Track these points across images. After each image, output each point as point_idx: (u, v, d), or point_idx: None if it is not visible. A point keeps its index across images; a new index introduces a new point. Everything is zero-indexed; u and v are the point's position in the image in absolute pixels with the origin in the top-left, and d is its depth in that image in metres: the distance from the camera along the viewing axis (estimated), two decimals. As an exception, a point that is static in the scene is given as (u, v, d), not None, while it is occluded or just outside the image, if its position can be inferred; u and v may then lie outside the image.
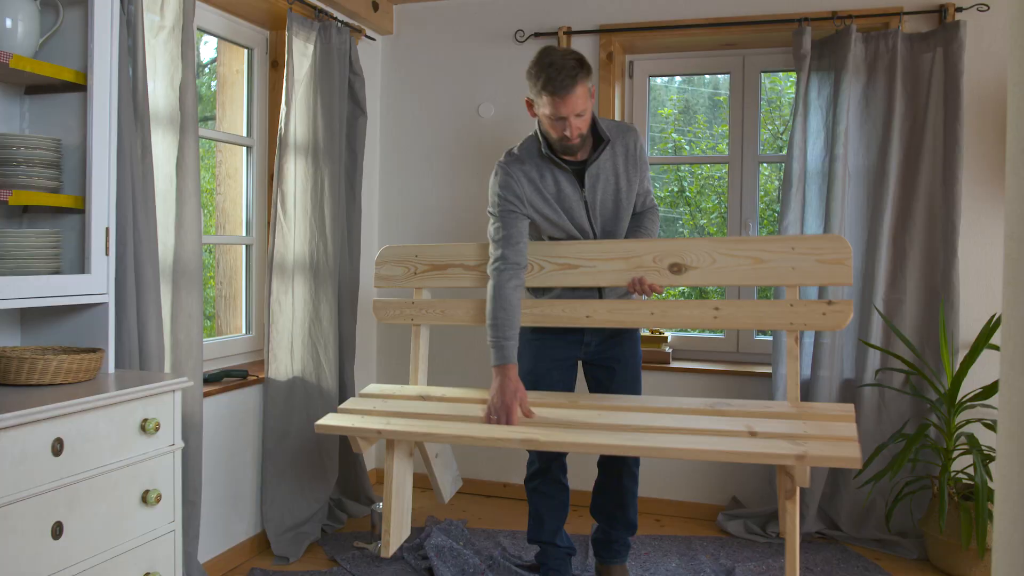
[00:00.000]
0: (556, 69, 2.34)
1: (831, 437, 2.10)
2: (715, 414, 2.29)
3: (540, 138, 2.52)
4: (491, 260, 2.57)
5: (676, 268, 2.47)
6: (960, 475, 3.14)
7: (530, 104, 2.48)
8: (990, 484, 2.87)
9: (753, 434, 2.12)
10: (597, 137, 2.52)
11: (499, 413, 2.39)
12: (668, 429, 2.20)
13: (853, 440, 2.04)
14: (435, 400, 2.49)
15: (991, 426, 3.05)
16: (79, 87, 2.05)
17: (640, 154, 2.59)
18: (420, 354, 2.65)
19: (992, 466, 2.95)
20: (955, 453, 3.09)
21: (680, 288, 3.92)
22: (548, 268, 2.58)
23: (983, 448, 2.99)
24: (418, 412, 2.40)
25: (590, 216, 2.57)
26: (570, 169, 2.53)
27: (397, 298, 2.72)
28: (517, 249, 2.53)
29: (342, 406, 2.44)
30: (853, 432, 2.10)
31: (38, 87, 2.09)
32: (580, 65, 2.37)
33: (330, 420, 2.36)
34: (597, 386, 2.73)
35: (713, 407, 2.33)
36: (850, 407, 2.30)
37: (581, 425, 2.27)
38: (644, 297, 2.54)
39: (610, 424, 2.26)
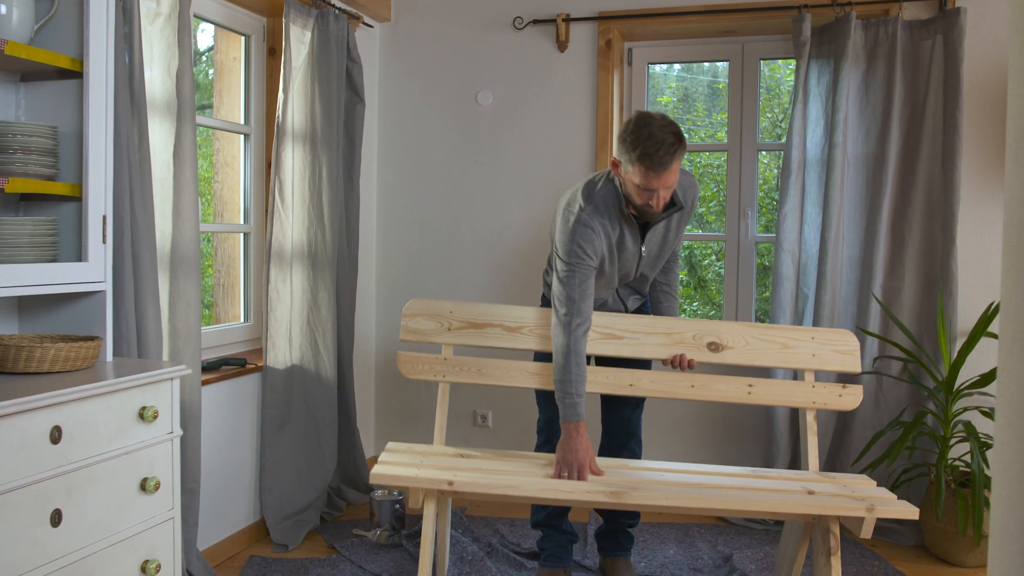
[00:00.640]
0: (656, 144, 2.30)
1: (876, 496, 2.34)
2: (760, 477, 2.50)
3: (621, 194, 2.48)
4: (562, 312, 2.48)
5: (714, 347, 2.66)
6: (957, 463, 3.15)
7: (616, 164, 2.45)
8: (987, 472, 2.88)
9: (811, 493, 2.35)
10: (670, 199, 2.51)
11: (570, 469, 2.39)
12: (740, 488, 2.38)
13: (894, 497, 2.34)
14: (476, 458, 2.47)
15: (988, 414, 3.06)
16: (75, 74, 2.04)
17: (694, 208, 2.66)
18: (444, 412, 2.62)
19: (989, 454, 2.95)
20: (952, 441, 3.10)
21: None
22: (593, 336, 2.64)
23: (980, 436, 3.00)
24: (476, 468, 2.37)
25: (639, 265, 2.61)
26: (637, 224, 2.54)
27: (426, 353, 2.65)
28: (590, 304, 2.50)
29: (382, 458, 2.38)
30: (889, 493, 2.37)
31: (34, 74, 2.08)
32: (678, 140, 2.34)
33: (387, 470, 2.27)
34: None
35: (754, 473, 2.55)
36: (863, 476, 2.57)
37: (659, 484, 2.36)
38: (679, 370, 2.66)
39: (684, 483, 2.39)
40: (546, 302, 2.77)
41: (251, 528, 3.16)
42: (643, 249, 2.56)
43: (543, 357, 2.63)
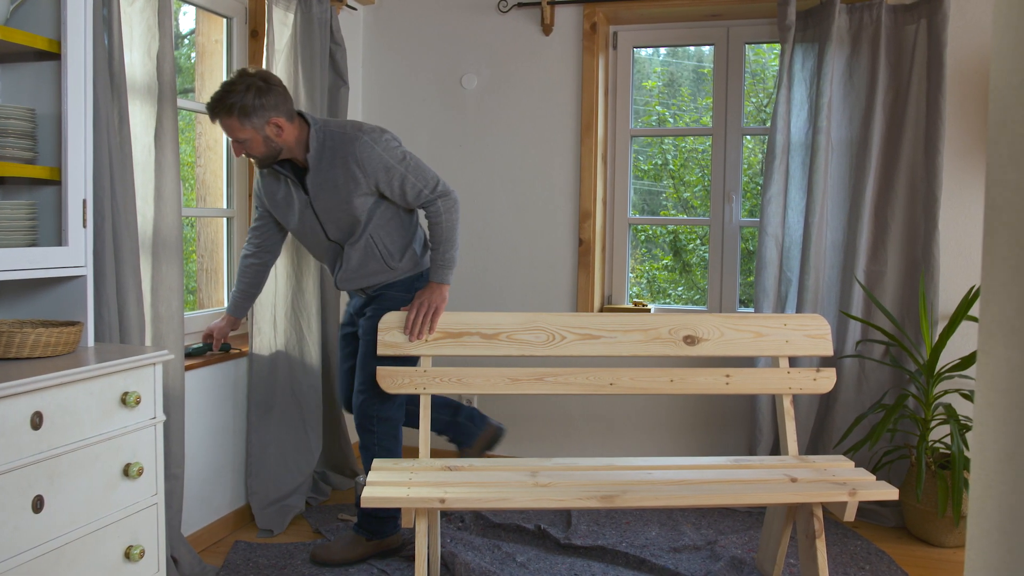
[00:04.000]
0: (218, 93, 2.53)
1: (857, 479, 2.37)
2: (743, 467, 2.53)
3: None
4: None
5: (690, 340, 2.69)
6: (937, 444, 3.18)
7: None
8: (966, 453, 2.92)
9: (794, 480, 2.38)
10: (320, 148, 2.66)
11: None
12: (725, 481, 2.40)
13: (873, 479, 2.38)
14: (464, 470, 2.47)
15: (968, 396, 3.10)
16: (53, 56, 2.01)
17: (367, 163, 2.62)
18: (428, 424, 2.61)
19: (969, 435, 2.99)
20: (933, 423, 3.14)
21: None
22: (570, 338, 2.67)
23: (960, 418, 3.03)
24: (466, 482, 2.37)
25: (321, 220, 2.72)
26: (294, 178, 2.70)
27: (405, 367, 2.64)
28: (257, 234, 2.92)
29: (370, 479, 2.36)
30: (868, 474, 2.41)
31: (10, 55, 2.05)
32: (238, 96, 2.49)
33: (377, 492, 2.26)
34: None
35: (737, 463, 2.58)
36: (841, 456, 2.61)
37: (647, 484, 2.37)
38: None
39: (670, 481, 2.40)
40: None
41: (236, 513, 3.16)
42: (311, 200, 2.68)
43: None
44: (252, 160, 2.67)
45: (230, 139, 2.58)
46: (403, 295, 2.78)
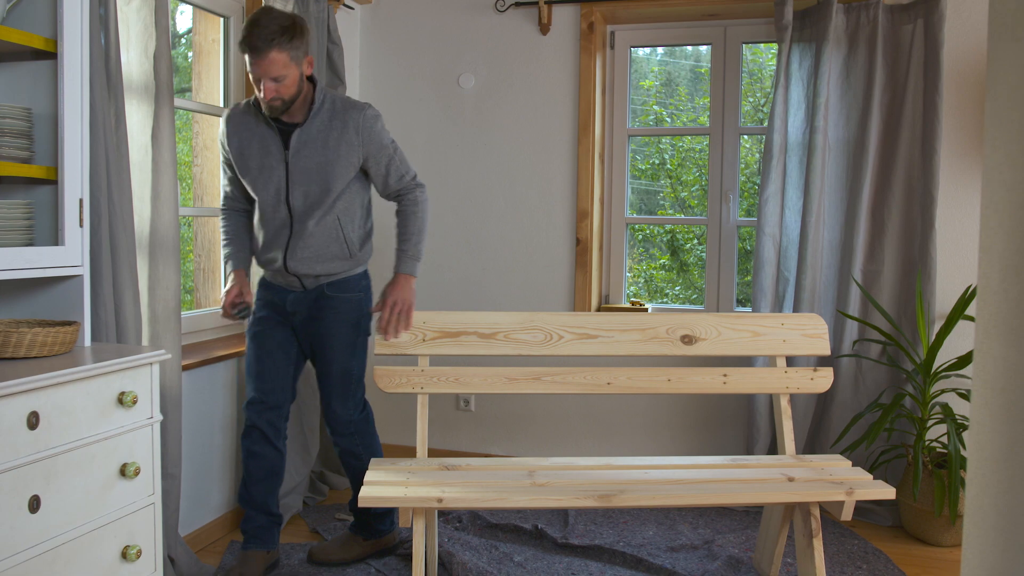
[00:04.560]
0: (258, 27, 2.37)
1: (852, 478, 2.38)
2: (740, 466, 2.54)
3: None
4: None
5: (687, 339, 2.70)
6: (934, 444, 3.19)
7: None
8: (963, 452, 2.92)
9: (791, 480, 2.38)
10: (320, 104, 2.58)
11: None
12: (722, 480, 2.41)
13: (870, 478, 2.38)
14: (461, 470, 2.47)
15: (965, 396, 3.10)
16: (50, 55, 2.00)
17: (367, 133, 2.59)
18: (425, 423, 2.61)
19: (965, 435, 3.00)
20: (930, 422, 3.14)
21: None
22: (568, 338, 2.68)
23: (957, 417, 3.04)
24: (464, 481, 2.37)
25: (288, 181, 2.58)
26: (278, 130, 2.57)
27: (402, 366, 2.64)
28: (235, 192, 2.75)
29: (368, 478, 2.37)
30: (865, 473, 2.42)
31: (7, 54, 2.04)
32: (283, 32, 2.39)
33: (375, 491, 2.25)
34: (311, 359, 2.79)
35: (734, 462, 2.58)
36: (838, 455, 2.62)
37: (644, 483, 2.36)
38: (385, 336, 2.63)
39: (668, 480, 2.40)
40: None
41: (233, 513, 3.15)
42: (288, 157, 2.56)
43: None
44: (272, 105, 2.46)
45: (264, 79, 2.40)
46: (357, 296, 2.72)
